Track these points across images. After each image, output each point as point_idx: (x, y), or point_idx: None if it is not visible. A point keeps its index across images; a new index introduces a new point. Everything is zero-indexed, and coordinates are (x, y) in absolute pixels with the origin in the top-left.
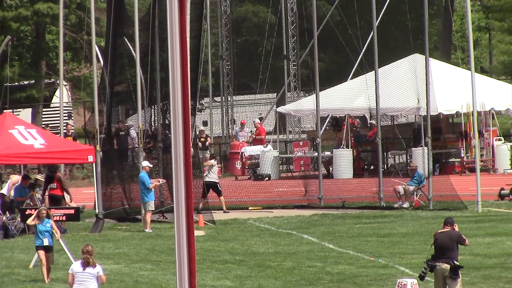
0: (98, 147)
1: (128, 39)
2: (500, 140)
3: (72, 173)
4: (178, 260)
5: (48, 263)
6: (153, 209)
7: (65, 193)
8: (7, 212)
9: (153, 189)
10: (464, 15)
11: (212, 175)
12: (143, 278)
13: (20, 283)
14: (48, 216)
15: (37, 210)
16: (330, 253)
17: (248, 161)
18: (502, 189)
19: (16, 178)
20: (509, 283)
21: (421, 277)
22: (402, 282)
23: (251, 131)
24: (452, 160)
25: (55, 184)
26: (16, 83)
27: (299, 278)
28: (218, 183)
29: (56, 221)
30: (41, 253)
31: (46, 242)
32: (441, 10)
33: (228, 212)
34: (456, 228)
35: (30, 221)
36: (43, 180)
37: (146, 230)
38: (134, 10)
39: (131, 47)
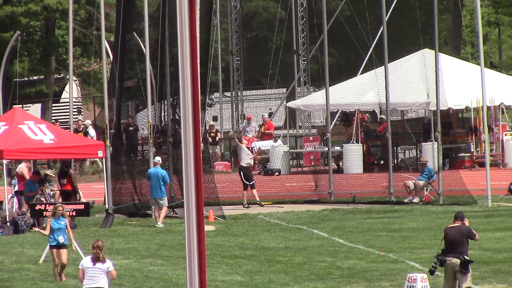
0: (108, 142)
1: (137, 34)
2: (510, 134)
3: (82, 168)
4: (188, 255)
5: (62, 260)
6: (166, 204)
7: (78, 189)
8: (16, 207)
9: (161, 182)
10: (474, 10)
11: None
12: (153, 273)
13: (30, 279)
14: (63, 214)
15: (54, 206)
16: (340, 248)
17: (258, 156)
18: None
19: (22, 166)
20: None
21: (431, 272)
22: (412, 276)
23: (259, 125)
24: (462, 155)
25: (65, 180)
26: (25, 79)
27: (309, 273)
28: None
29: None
30: (54, 252)
31: (61, 240)
32: (450, 5)
33: (263, 205)
34: (467, 223)
35: (49, 220)
36: (53, 175)
37: (159, 224)
38: (144, 5)
39: (140, 42)
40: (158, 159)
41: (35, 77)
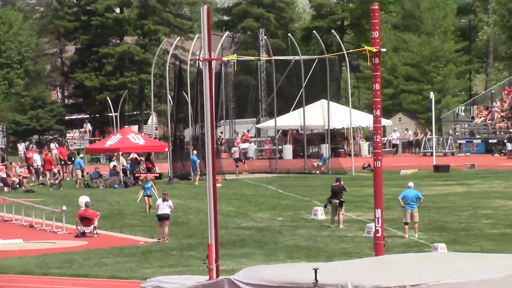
0: (170, 143)
1: (184, 91)
2: (363, 140)
3: (157, 157)
4: (209, 198)
5: (150, 202)
6: (199, 173)
7: (155, 166)
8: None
9: (196, 164)
10: (346, 80)
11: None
12: (192, 206)
13: (133, 208)
14: (149, 179)
15: (145, 176)
16: (280, 194)
17: (242, 151)
18: (364, 164)
19: (132, 155)
20: (370, 209)
21: (325, 206)
22: (315, 208)
23: (242, 136)
24: (340, 150)
25: (148, 161)
26: (130, 113)
27: (266, 206)
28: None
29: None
30: (146, 198)
31: (148, 192)
32: (334, 76)
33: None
34: (342, 183)
35: (143, 183)
36: (143, 159)
37: (195, 183)
38: (187, 78)
39: (186, 95)
40: (195, 152)
41: (135, 112)
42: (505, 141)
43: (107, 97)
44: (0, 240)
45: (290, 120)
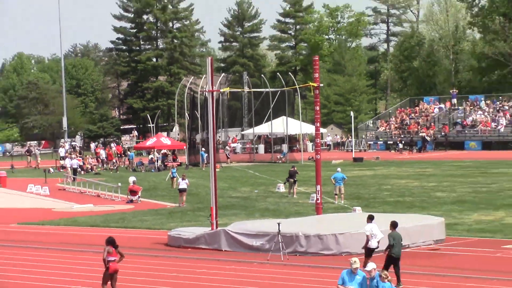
0: (186, 144)
1: (196, 111)
2: (308, 141)
3: (179, 152)
4: (211, 178)
5: (174, 182)
6: (205, 162)
7: (177, 157)
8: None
9: (204, 157)
10: (298, 104)
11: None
12: (201, 183)
13: (163, 187)
14: (174, 166)
15: (171, 164)
16: (257, 175)
17: (232, 149)
18: (309, 157)
19: (163, 151)
20: (313, 185)
21: (284, 183)
22: (279, 185)
23: (232, 139)
24: (294, 148)
25: (173, 155)
26: (161, 124)
27: (249, 184)
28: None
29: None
30: (174, 180)
31: (173, 174)
32: (291, 102)
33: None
34: (295, 168)
35: (170, 169)
36: (169, 153)
37: (203, 169)
38: (197, 102)
39: (197, 113)
40: (203, 149)
41: (164, 124)
42: (398, 142)
43: (147, 114)
44: (78, 204)
45: (262, 129)
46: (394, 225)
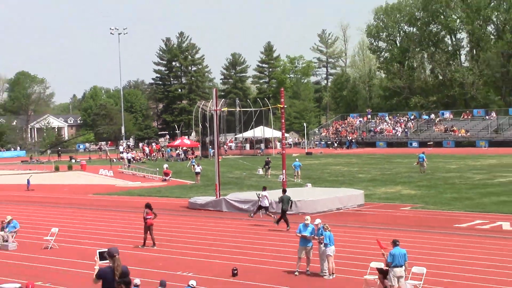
0: (200, 143)
1: (206, 122)
2: (278, 142)
3: (196, 149)
4: (216, 164)
5: (196, 169)
6: (212, 155)
7: (194, 153)
8: (183, 155)
9: (211, 151)
10: (271, 118)
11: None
12: (209, 169)
13: (185, 171)
14: (192, 158)
15: (191, 156)
16: (245, 164)
17: (228, 147)
18: (278, 151)
19: (185, 148)
20: (280, 170)
21: (262, 168)
22: (258, 169)
23: (229, 141)
24: (268, 146)
25: (192, 150)
26: (184, 131)
27: (239, 168)
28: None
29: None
30: (193, 166)
31: (192, 163)
32: (267, 117)
33: (228, 156)
34: (269, 158)
35: (190, 159)
36: (189, 149)
37: (211, 159)
38: (207, 116)
39: (207, 124)
40: (210, 147)
41: (186, 130)
42: (334, 142)
43: (175, 125)
44: (131, 182)
45: (248, 134)
46: (284, 190)
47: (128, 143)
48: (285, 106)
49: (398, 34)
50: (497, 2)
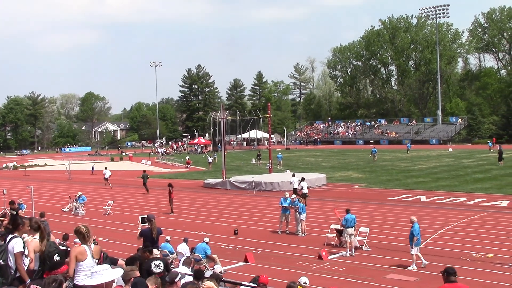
0: (211, 141)
1: (216, 127)
2: (267, 140)
3: (208, 145)
4: (223, 157)
5: (213, 159)
6: (221, 149)
7: (208, 148)
8: (200, 150)
9: (219, 147)
10: (261, 124)
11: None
12: (219, 160)
13: (202, 161)
14: (208, 151)
15: (206, 150)
16: (244, 156)
17: (232, 144)
18: (266, 147)
19: (202, 145)
20: (267, 160)
21: (255, 159)
22: (252, 159)
23: (232, 140)
24: (260, 143)
25: (206, 147)
26: (200, 134)
27: (239, 159)
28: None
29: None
30: (208, 161)
31: (207, 155)
32: (259, 124)
33: (233, 150)
34: (260, 152)
35: (205, 152)
36: (205, 146)
37: (219, 152)
38: (217, 120)
39: (216, 129)
40: (219, 144)
41: (202, 133)
42: (306, 141)
43: (194, 129)
44: (163, 168)
45: (245, 135)
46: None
47: (161, 141)
48: (271, 116)
49: (348, 66)
50: (415, 45)
